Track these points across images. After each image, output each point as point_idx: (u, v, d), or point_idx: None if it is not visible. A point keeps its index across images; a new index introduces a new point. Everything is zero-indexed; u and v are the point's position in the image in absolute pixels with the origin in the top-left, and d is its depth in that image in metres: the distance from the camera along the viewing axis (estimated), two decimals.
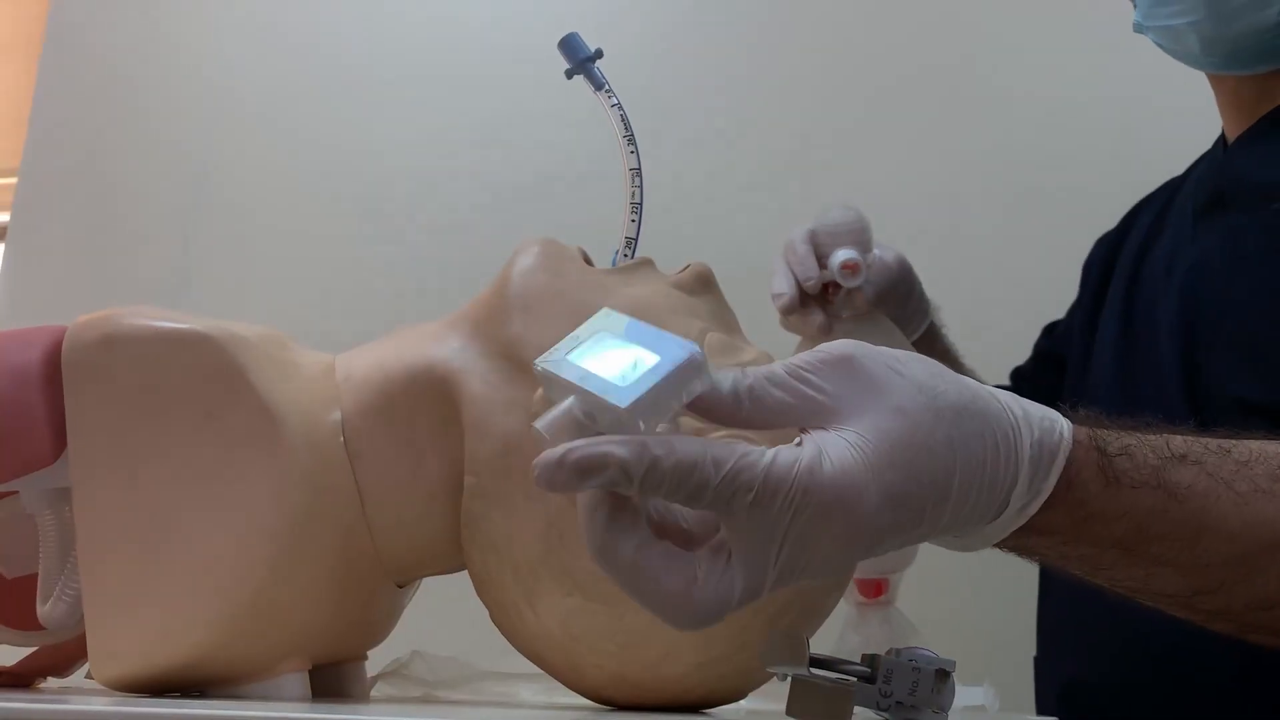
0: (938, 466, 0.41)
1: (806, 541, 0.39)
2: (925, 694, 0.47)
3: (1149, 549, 0.45)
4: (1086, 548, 0.46)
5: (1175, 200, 0.89)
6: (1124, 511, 0.45)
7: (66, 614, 0.58)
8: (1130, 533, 0.45)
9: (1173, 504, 0.45)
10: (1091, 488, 0.44)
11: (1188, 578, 0.46)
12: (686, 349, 0.40)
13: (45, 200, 1.64)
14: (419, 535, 0.58)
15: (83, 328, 0.55)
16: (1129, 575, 0.47)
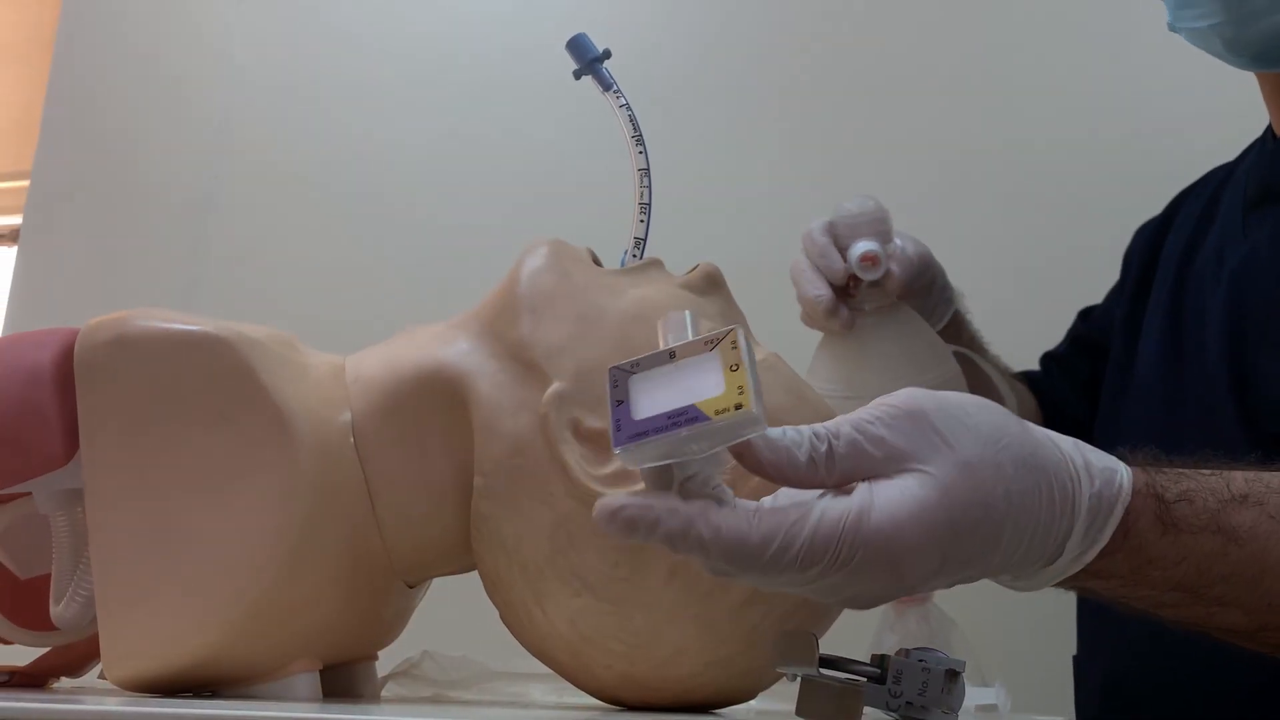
0: (992, 520, 0.42)
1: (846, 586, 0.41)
2: (935, 694, 0.47)
3: (1210, 590, 0.46)
4: (1146, 590, 0.46)
5: (1223, 192, 0.88)
6: (1183, 557, 0.45)
7: (79, 614, 0.58)
8: (1190, 576, 0.45)
9: (1233, 547, 0.45)
10: (1149, 535, 0.45)
11: (1252, 616, 0.47)
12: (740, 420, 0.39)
13: (57, 203, 1.65)
14: (429, 535, 0.58)
15: (94, 329, 0.56)
16: (1191, 614, 0.47)
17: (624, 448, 0.39)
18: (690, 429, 0.39)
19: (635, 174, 0.65)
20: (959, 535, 0.41)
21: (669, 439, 0.39)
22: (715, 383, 0.40)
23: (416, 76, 1.51)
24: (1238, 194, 0.84)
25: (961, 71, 1.30)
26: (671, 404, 0.39)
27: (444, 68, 1.50)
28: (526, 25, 1.46)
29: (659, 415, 0.39)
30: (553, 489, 0.54)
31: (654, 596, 0.53)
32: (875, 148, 1.29)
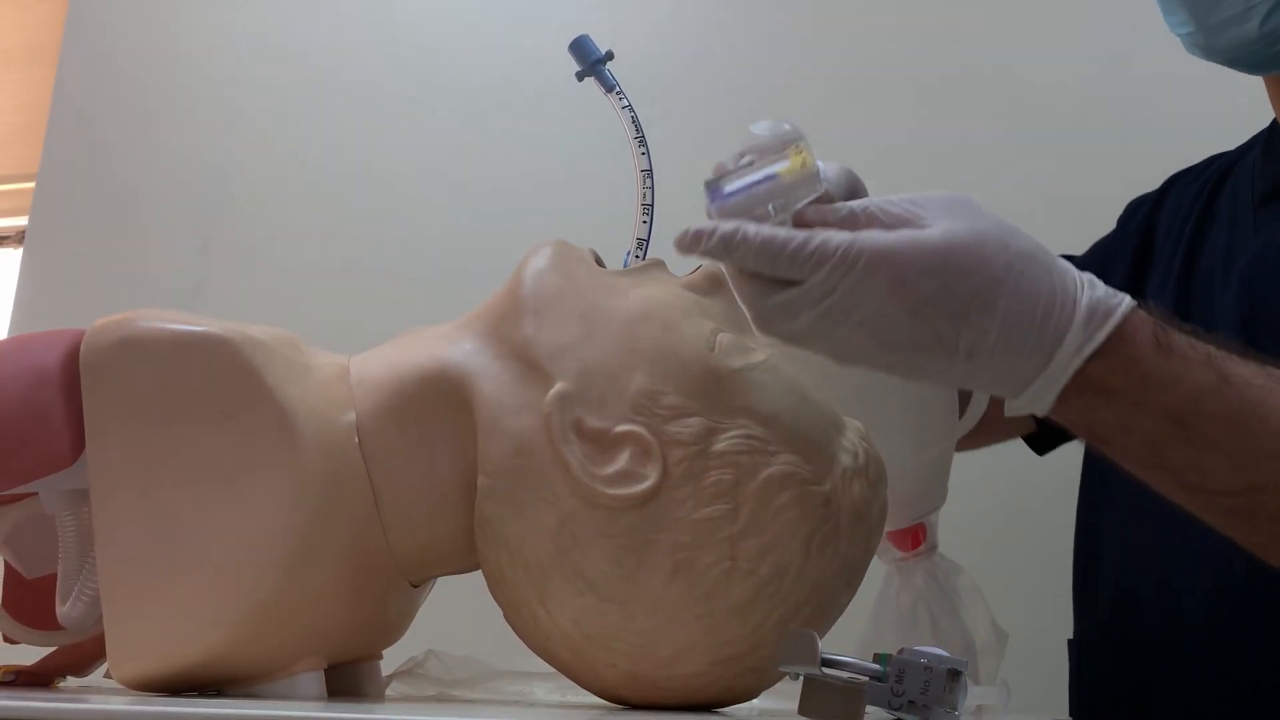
0: (989, 274, 0.46)
1: (856, 301, 0.46)
2: (937, 693, 0.47)
3: (1201, 428, 0.46)
4: (1144, 419, 0.46)
5: (1225, 185, 0.86)
6: (1177, 377, 0.46)
7: (85, 614, 0.58)
8: (1183, 404, 0.46)
9: (1226, 386, 0.47)
10: (1146, 350, 0.46)
11: (1238, 470, 0.47)
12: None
13: (63, 205, 1.66)
14: (433, 535, 0.58)
15: (100, 331, 0.56)
16: (1184, 459, 0.47)
17: (718, 204, 0.52)
18: (766, 185, 0.51)
19: (638, 175, 0.65)
20: (956, 269, 0.46)
21: (750, 196, 0.51)
22: (785, 164, 0.52)
23: (419, 79, 1.51)
24: (1244, 190, 0.84)
25: (963, 72, 1.30)
26: (752, 178, 0.52)
27: (448, 70, 1.50)
28: (530, 28, 1.46)
29: (742, 186, 0.52)
30: (556, 489, 0.54)
31: (657, 596, 0.53)
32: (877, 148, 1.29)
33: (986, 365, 0.47)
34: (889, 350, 0.47)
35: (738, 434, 0.55)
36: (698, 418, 0.55)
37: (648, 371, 0.56)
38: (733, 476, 0.54)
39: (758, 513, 0.54)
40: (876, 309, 0.46)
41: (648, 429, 0.54)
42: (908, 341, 0.47)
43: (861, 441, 0.59)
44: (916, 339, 0.46)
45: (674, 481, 0.54)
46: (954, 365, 0.47)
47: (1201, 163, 0.92)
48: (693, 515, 0.53)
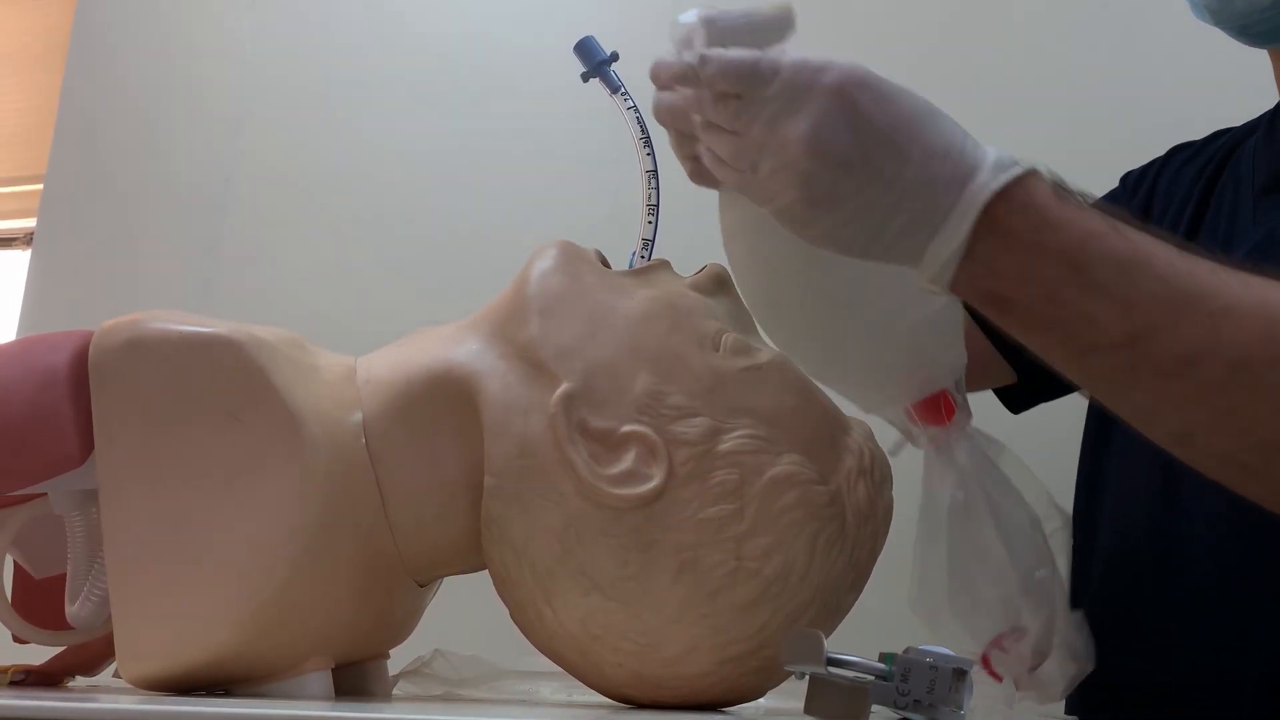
0: (914, 106, 0.50)
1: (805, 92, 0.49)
2: (943, 692, 0.47)
3: (1092, 270, 0.48)
4: (1040, 263, 0.49)
5: (1227, 170, 0.84)
6: (1072, 220, 0.49)
7: (94, 614, 0.58)
8: (1076, 243, 0.48)
9: (1115, 234, 0.49)
10: (1044, 196, 0.49)
11: (1124, 316, 0.48)
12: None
13: (71, 206, 1.66)
14: (439, 535, 0.58)
15: (108, 332, 0.56)
16: (1075, 307, 0.49)
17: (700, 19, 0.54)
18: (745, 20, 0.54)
19: (643, 175, 0.65)
20: (889, 91, 0.50)
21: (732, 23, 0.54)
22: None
23: (426, 79, 1.51)
24: (1246, 176, 0.83)
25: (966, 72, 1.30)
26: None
27: (454, 71, 1.50)
28: (536, 28, 1.46)
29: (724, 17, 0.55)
30: (562, 489, 0.54)
31: (662, 595, 0.53)
32: None
33: (906, 197, 0.49)
34: (823, 162, 0.50)
35: (743, 434, 0.55)
36: (703, 418, 0.55)
37: (653, 372, 0.56)
38: (738, 476, 0.54)
39: (763, 512, 0.54)
40: (819, 116, 0.49)
41: (653, 429, 0.54)
42: (840, 156, 0.49)
43: (867, 441, 0.59)
44: (848, 156, 0.49)
45: (679, 481, 0.54)
46: (876, 192, 0.50)
47: (1205, 138, 0.90)
48: (698, 515, 0.53)
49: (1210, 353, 0.48)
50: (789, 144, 0.50)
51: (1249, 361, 0.47)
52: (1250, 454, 0.49)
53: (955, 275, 0.50)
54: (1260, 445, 0.48)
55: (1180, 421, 0.50)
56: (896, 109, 0.50)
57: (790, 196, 0.50)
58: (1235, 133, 0.87)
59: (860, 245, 0.52)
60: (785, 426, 0.56)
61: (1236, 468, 0.50)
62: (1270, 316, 0.48)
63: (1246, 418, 0.48)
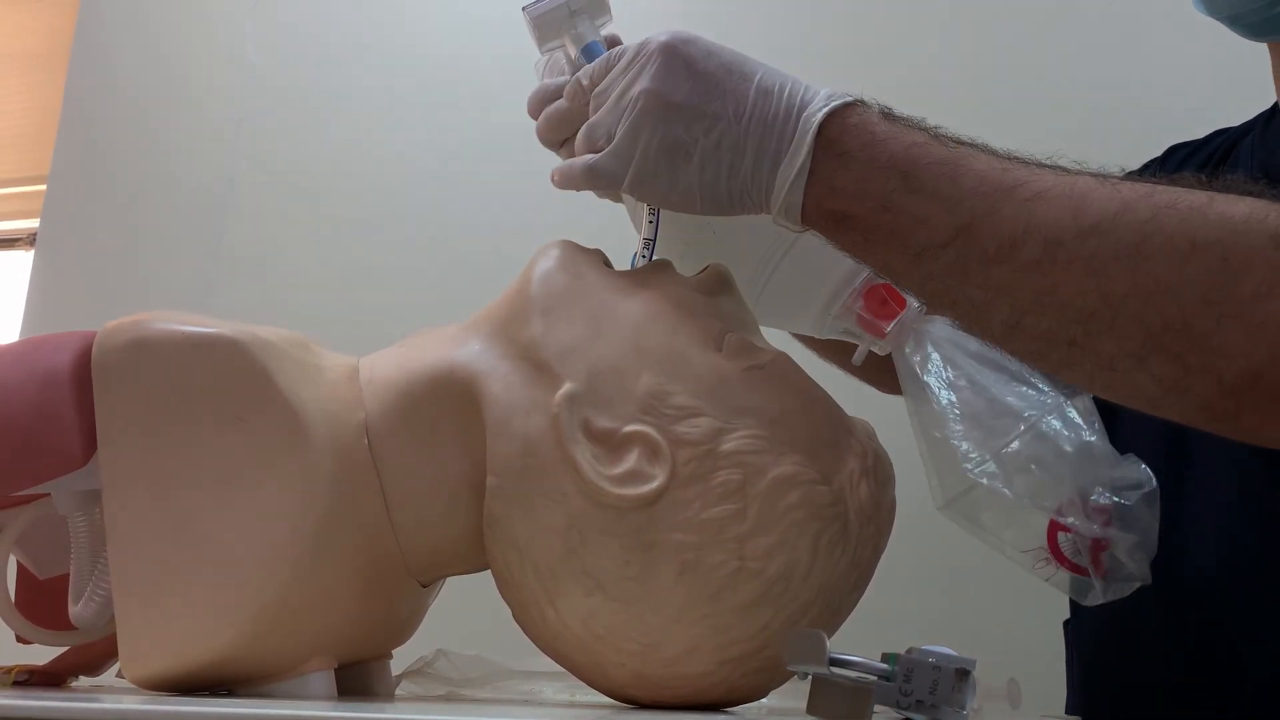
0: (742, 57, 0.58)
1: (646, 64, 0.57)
2: (945, 692, 0.47)
3: (919, 174, 0.53)
4: (874, 176, 0.53)
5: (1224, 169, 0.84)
6: (899, 135, 0.54)
7: (97, 614, 0.59)
8: (905, 153, 0.53)
9: (937, 143, 0.54)
10: (874, 116, 0.55)
11: (950, 212, 0.52)
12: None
13: (74, 207, 1.67)
14: (442, 535, 0.58)
15: (112, 332, 0.56)
16: (906, 213, 0.53)
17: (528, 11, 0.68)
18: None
19: None
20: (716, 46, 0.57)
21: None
22: None
23: (429, 80, 1.52)
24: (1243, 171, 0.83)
25: (970, 73, 1.30)
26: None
27: (456, 71, 1.51)
28: None
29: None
30: (564, 488, 0.54)
31: (664, 596, 0.53)
32: None
33: (749, 133, 0.55)
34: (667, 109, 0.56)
35: (746, 434, 0.55)
36: (706, 418, 0.55)
37: (656, 371, 0.56)
38: (741, 476, 0.54)
39: (766, 513, 0.54)
40: (656, 69, 0.57)
41: (656, 429, 0.54)
42: (682, 100, 0.56)
43: (870, 441, 0.59)
44: (689, 99, 0.56)
45: (682, 481, 0.54)
46: (721, 131, 0.56)
47: (1203, 137, 0.90)
48: (701, 515, 0.53)
49: (1026, 234, 0.51)
50: (636, 100, 0.57)
51: (1061, 238, 0.50)
52: (1073, 327, 0.51)
53: (804, 202, 0.55)
54: (1080, 317, 0.51)
55: (1009, 308, 0.52)
56: (724, 57, 0.57)
57: (644, 151, 0.57)
58: (1232, 132, 0.87)
59: (719, 191, 0.57)
60: (788, 426, 0.56)
61: (1064, 345, 0.52)
62: (1078, 194, 0.51)
63: (1065, 291, 0.51)
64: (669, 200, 0.59)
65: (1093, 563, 0.61)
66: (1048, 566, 0.62)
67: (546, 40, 0.70)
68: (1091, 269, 0.50)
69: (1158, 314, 0.49)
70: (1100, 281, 0.50)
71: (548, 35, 0.70)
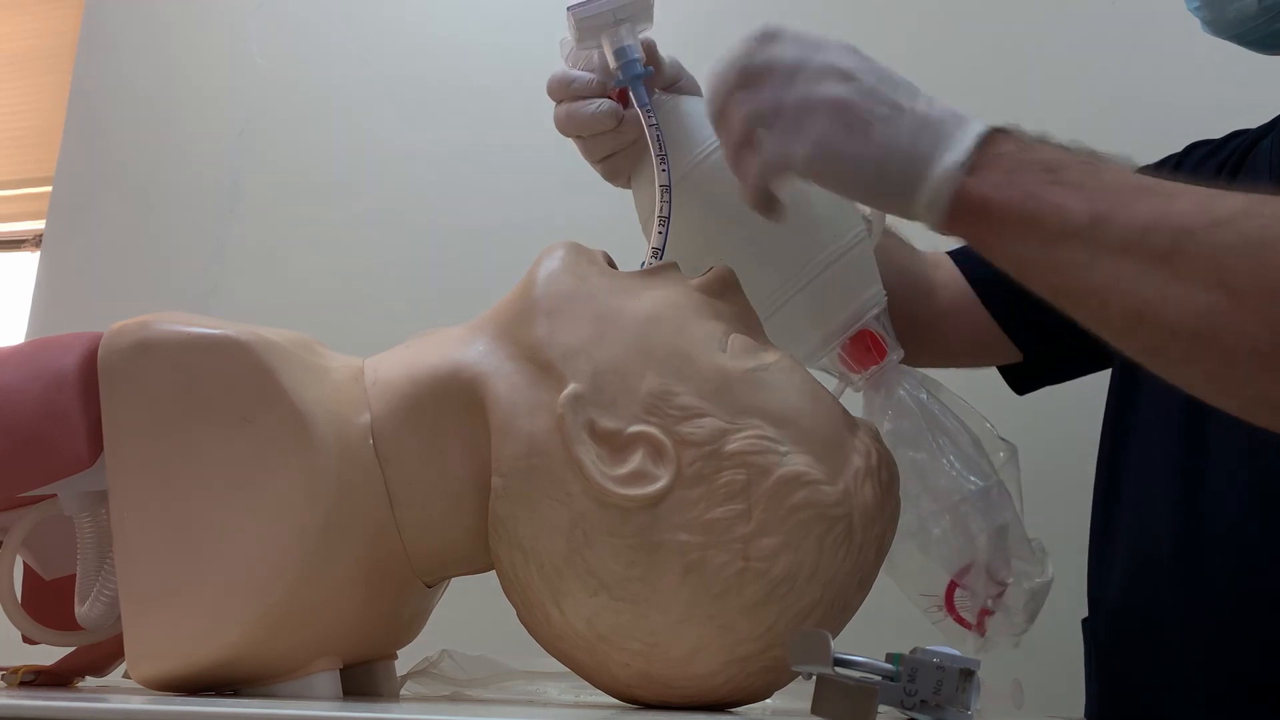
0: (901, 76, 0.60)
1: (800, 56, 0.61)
2: (950, 693, 0.47)
3: (1065, 171, 0.55)
4: (1023, 172, 0.56)
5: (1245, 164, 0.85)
6: (1049, 146, 0.57)
7: (103, 614, 0.59)
8: (1052, 157, 0.56)
9: (1086, 154, 0.57)
10: (1024, 135, 0.58)
11: (1088, 203, 0.54)
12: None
13: (79, 208, 1.67)
14: (447, 536, 0.58)
15: (118, 334, 0.56)
16: (1049, 197, 0.55)
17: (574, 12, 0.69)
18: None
19: (658, 189, 0.65)
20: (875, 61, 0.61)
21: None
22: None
23: (435, 81, 1.52)
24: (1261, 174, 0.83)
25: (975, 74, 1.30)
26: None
27: (463, 73, 1.51)
28: (546, 30, 1.46)
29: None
30: (569, 489, 0.54)
31: (669, 596, 0.53)
32: None
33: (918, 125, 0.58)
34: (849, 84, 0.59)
35: (750, 434, 0.55)
36: (710, 418, 0.55)
37: (660, 372, 0.56)
38: (745, 477, 0.54)
39: (770, 513, 0.54)
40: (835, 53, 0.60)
41: (661, 429, 0.55)
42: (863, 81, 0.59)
43: (874, 442, 0.59)
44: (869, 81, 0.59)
45: (686, 482, 0.54)
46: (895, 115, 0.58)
47: (1223, 137, 0.90)
48: (705, 515, 0.53)
49: (1159, 223, 0.52)
50: (815, 78, 0.59)
51: (1191, 229, 0.51)
52: (1195, 320, 0.51)
53: (952, 192, 0.57)
54: (1201, 310, 0.51)
55: (1135, 298, 0.53)
56: (892, 70, 0.61)
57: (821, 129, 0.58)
58: (1251, 133, 0.87)
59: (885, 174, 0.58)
60: (792, 427, 0.56)
61: (1186, 338, 0.52)
62: (1211, 195, 0.53)
63: (1189, 281, 0.51)
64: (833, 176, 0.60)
65: (978, 624, 0.67)
66: (939, 613, 0.68)
67: (585, 40, 0.70)
68: (1215, 260, 0.50)
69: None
70: (1222, 272, 0.50)
71: (587, 36, 0.70)
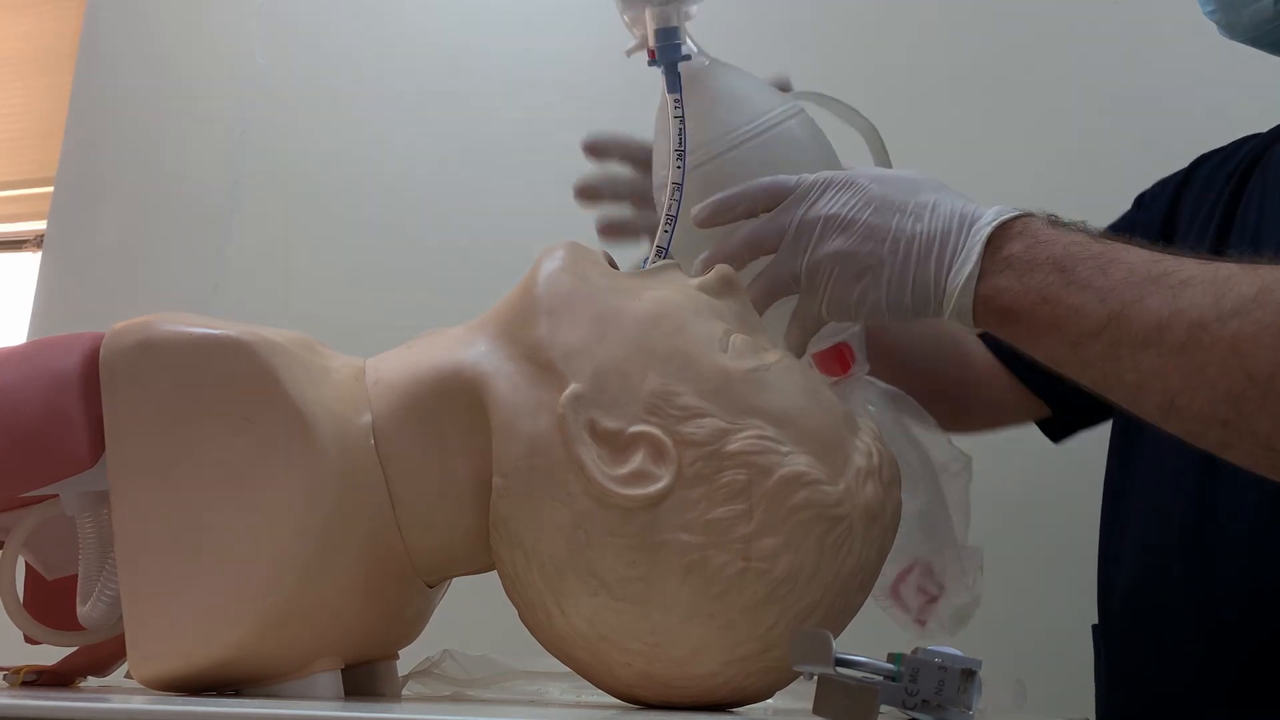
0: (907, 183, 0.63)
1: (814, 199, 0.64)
2: (951, 693, 0.47)
3: (1076, 269, 0.57)
4: (1035, 273, 0.58)
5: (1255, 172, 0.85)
6: (1056, 237, 0.59)
7: (105, 614, 0.59)
8: (1061, 254, 0.58)
9: (1093, 241, 0.59)
10: (1039, 223, 0.61)
11: (1102, 303, 0.56)
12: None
13: (80, 209, 1.67)
14: (448, 535, 0.59)
15: (119, 334, 0.56)
16: (1063, 304, 0.57)
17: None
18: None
19: (669, 186, 0.65)
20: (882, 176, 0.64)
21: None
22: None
23: (434, 82, 1.52)
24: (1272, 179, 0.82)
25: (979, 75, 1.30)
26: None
27: (462, 73, 1.51)
28: (545, 31, 1.46)
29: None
30: (570, 489, 0.54)
31: (670, 595, 0.53)
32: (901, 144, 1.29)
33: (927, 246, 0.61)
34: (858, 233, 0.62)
35: (751, 434, 0.55)
36: (711, 418, 0.55)
37: (661, 372, 0.56)
38: (746, 477, 0.54)
39: (771, 513, 0.54)
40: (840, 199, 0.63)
41: (662, 429, 0.55)
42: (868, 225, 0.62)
43: (875, 442, 0.59)
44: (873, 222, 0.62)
45: (687, 482, 0.54)
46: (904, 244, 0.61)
47: (1232, 143, 0.91)
48: (706, 515, 0.53)
49: (1172, 319, 0.54)
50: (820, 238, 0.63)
51: (1204, 321, 0.53)
52: (1224, 407, 0.53)
53: (974, 304, 0.60)
54: (1229, 397, 0.52)
55: (1162, 391, 0.55)
56: (893, 179, 0.63)
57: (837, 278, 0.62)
58: (1263, 137, 0.87)
59: (903, 301, 0.62)
60: (794, 427, 0.56)
61: (1219, 426, 0.53)
62: (1221, 279, 0.54)
63: (1212, 372, 0.53)
64: (859, 315, 0.64)
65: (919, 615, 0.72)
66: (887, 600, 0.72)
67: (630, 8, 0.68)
68: (1235, 349, 0.52)
69: None
70: (1245, 361, 0.51)
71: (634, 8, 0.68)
